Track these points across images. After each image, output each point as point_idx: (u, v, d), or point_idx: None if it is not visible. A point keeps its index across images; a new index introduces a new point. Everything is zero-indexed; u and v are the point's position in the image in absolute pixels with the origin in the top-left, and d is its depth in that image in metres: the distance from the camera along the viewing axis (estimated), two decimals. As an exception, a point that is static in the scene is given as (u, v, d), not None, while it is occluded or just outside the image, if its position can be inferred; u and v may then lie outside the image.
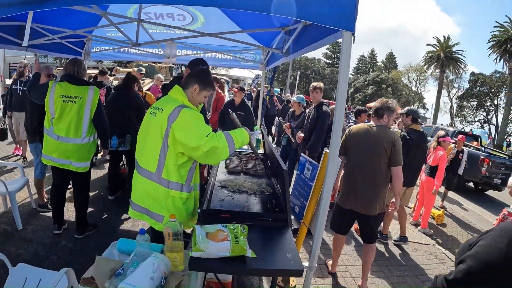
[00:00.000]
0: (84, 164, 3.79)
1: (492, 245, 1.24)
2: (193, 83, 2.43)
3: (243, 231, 1.92)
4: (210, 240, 1.83)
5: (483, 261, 1.23)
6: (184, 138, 2.22)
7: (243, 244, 1.80)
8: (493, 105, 41.72)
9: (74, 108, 3.59)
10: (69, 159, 3.67)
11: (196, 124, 2.24)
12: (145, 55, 6.10)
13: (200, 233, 1.89)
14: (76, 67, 3.71)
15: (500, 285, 1.20)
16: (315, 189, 2.86)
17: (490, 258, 1.21)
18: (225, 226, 1.95)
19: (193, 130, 2.21)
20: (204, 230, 1.92)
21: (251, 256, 1.78)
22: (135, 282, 1.63)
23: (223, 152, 2.23)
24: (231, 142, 2.27)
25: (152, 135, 2.36)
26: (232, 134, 2.31)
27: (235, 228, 1.93)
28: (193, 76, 2.49)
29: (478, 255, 1.26)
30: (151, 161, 2.36)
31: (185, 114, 2.24)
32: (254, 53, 5.63)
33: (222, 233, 1.89)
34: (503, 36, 35.02)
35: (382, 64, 66.90)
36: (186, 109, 2.27)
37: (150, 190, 2.39)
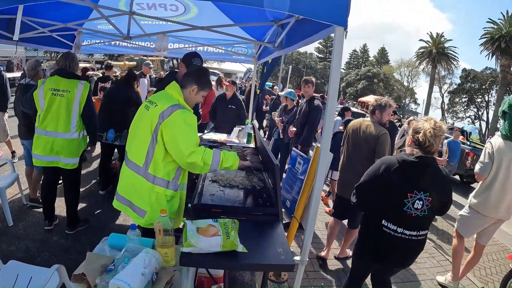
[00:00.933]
0: (73, 161, 3.74)
1: (374, 167, 2.55)
2: (192, 83, 2.42)
3: (234, 226, 1.92)
4: (201, 235, 1.83)
5: (368, 175, 2.56)
6: (171, 141, 2.23)
7: (234, 239, 1.80)
8: (484, 102, 42.21)
9: (62, 101, 3.53)
10: (58, 155, 3.63)
11: (186, 131, 2.23)
12: (137, 48, 6.05)
13: (190, 228, 1.88)
14: (68, 61, 3.68)
15: (376, 186, 2.47)
16: (306, 183, 2.87)
17: (371, 172, 2.54)
18: (216, 221, 1.95)
19: (181, 137, 2.21)
20: (195, 225, 1.92)
21: (242, 251, 1.78)
22: (126, 278, 1.62)
23: (203, 170, 2.30)
24: (215, 164, 2.31)
25: (142, 129, 2.34)
26: (222, 157, 2.33)
27: (226, 223, 1.93)
28: (192, 76, 2.47)
29: (366, 173, 2.59)
30: (139, 154, 2.35)
31: (178, 117, 2.22)
32: (246, 46, 5.61)
33: (213, 228, 1.89)
34: (496, 34, 35.38)
35: (374, 59, 67.20)
36: (180, 110, 2.25)
37: (136, 183, 2.38)
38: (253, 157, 3.61)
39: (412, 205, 2.35)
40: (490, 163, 3.53)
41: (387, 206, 2.45)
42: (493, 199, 3.54)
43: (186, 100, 2.43)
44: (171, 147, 2.24)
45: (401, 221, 2.39)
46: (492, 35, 35.95)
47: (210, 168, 2.29)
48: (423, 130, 2.37)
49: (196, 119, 2.37)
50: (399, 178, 2.37)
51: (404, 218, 2.38)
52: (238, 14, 3.94)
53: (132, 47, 5.97)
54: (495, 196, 3.53)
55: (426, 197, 2.35)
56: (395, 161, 2.42)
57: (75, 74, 3.77)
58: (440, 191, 2.40)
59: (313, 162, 2.84)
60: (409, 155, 2.40)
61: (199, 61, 3.39)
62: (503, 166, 3.47)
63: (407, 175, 2.37)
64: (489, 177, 3.56)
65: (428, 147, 2.36)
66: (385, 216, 2.44)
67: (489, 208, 3.58)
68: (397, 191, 2.39)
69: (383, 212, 2.47)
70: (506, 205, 3.54)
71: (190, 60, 3.35)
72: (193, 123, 2.30)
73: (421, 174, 2.36)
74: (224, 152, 2.39)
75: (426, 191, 2.35)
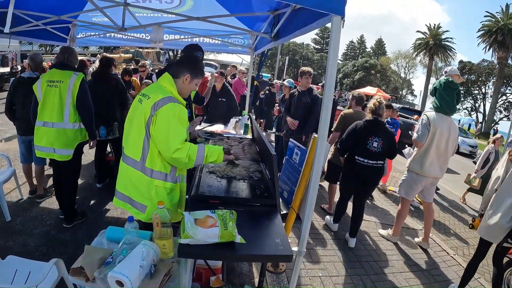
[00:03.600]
0: (67, 152, 3.74)
1: (351, 127, 4.21)
2: (184, 72, 2.37)
3: (232, 217, 1.92)
4: (199, 227, 1.82)
5: (347, 132, 4.20)
6: (158, 134, 2.21)
7: (232, 230, 1.79)
8: (480, 94, 42.28)
9: (56, 92, 3.59)
10: (52, 146, 3.65)
11: (175, 126, 2.20)
12: (132, 40, 5.98)
13: (188, 219, 1.87)
14: (67, 55, 3.75)
15: (352, 136, 4.11)
16: (304, 174, 2.86)
17: (350, 129, 4.19)
18: (214, 212, 1.94)
19: (170, 132, 2.19)
20: (193, 216, 1.91)
21: (240, 242, 1.77)
22: (125, 271, 1.63)
23: (187, 165, 2.30)
24: (200, 159, 2.29)
25: (136, 123, 2.32)
26: (206, 153, 2.31)
27: (223, 214, 1.92)
28: (184, 64, 2.44)
29: (346, 132, 4.21)
30: (136, 149, 2.32)
31: (168, 111, 2.19)
32: (242, 37, 5.54)
33: (211, 219, 1.88)
34: (493, 26, 35.51)
35: (371, 50, 67.03)
36: (171, 104, 2.22)
37: (134, 179, 2.36)
38: (250, 148, 3.60)
39: (372, 145, 4.06)
40: (426, 132, 4.25)
41: (358, 147, 4.12)
42: (429, 162, 4.29)
43: (180, 90, 2.40)
44: (158, 140, 2.23)
45: (366, 155, 4.08)
46: (489, 28, 36.11)
47: (194, 163, 2.28)
48: (373, 103, 4.19)
49: (187, 112, 2.35)
50: (364, 129, 4.11)
51: (368, 153, 4.07)
52: (234, 4, 3.91)
53: (127, 39, 5.91)
54: (431, 159, 4.29)
55: (379, 140, 4.06)
56: (361, 121, 4.20)
57: (71, 66, 3.78)
58: (386, 138, 4.12)
59: (310, 152, 2.83)
60: (369, 118, 4.18)
61: (200, 54, 3.37)
62: (437, 134, 4.21)
63: (368, 128, 4.11)
64: (426, 143, 4.27)
65: (376, 111, 4.15)
66: (357, 153, 4.13)
67: (427, 169, 4.32)
68: (362, 137, 4.09)
69: (356, 151, 4.14)
70: (440, 166, 4.34)
71: (192, 53, 3.32)
72: (183, 117, 2.27)
73: (375, 127, 4.12)
74: (209, 147, 2.36)
75: (379, 137, 4.07)
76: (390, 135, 4.19)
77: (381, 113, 4.15)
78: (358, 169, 4.11)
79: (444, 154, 4.32)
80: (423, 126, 4.27)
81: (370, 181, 4.26)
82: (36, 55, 4.72)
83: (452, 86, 4.25)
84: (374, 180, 4.30)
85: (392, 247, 4.59)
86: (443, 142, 4.24)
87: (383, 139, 4.06)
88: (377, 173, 4.18)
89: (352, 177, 4.26)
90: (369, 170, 4.09)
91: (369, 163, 4.06)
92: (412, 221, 5.68)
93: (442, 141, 4.24)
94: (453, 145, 4.32)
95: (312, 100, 5.36)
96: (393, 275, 3.90)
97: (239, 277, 3.29)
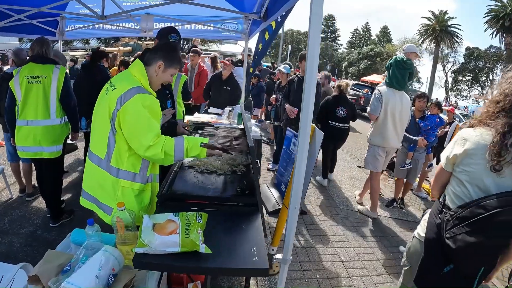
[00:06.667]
0: (57, 148, 3.65)
1: (323, 101, 5.89)
2: (157, 59, 2.09)
3: (199, 221, 1.66)
4: (156, 233, 1.57)
5: (321, 105, 5.75)
6: (128, 132, 1.97)
7: (195, 238, 1.53)
8: (488, 80, 41.61)
9: (39, 88, 3.44)
10: (41, 145, 3.53)
11: (144, 120, 1.95)
12: (121, 31, 5.76)
13: (146, 224, 1.63)
14: (45, 48, 3.56)
15: (325, 106, 5.79)
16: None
17: (323, 102, 5.85)
18: (177, 216, 1.69)
19: (139, 127, 1.95)
20: (152, 220, 1.67)
21: (205, 252, 1.51)
22: (78, 281, 1.44)
23: (165, 161, 2.04)
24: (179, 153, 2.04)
25: (101, 116, 2.06)
26: (186, 146, 2.05)
27: (189, 217, 1.68)
28: (157, 51, 2.14)
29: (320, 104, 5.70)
30: (100, 145, 2.08)
31: (136, 104, 1.92)
32: (236, 22, 5.23)
33: (172, 224, 1.64)
34: (500, 11, 34.91)
35: (376, 38, 66.19)
36: (139, 95, 1.94)
37: (99, 178, 2.12)
38: (239, 139, 3.33)
39: (339, 112, 5.67)
40: (379, 105, 4.51)
41: (329, 113, 5.70)
42: (388, 133, 4.57)
43: (151, 80, 2.12)
44: (129, 137, 1.98)
45: (336, 119, 5.68)
46: (496, 13, 35.44)
47: (174, 159, 2.04)
48: (340, 84, 5.86)
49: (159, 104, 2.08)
50: (332, 102, 5.74)
51: (337, 118, 5.68)
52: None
53: (116, 29, 5.69)
54: (390, 130, 4.56)
55: (344, 109, 5.68)
56: (330, 96, 5.86)
57: (51, 59, 3.63)
58: (349, 107, 5.72)
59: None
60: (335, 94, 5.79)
61: (176, 37, 3.00)
62: (389, 106, 4.47)
63: (336, 100, 5.74)
64: (381, 117, 4.54)
65: (341, 90, 5.81)
66: (330, 118, 5.70)
67: (388, 141, 4.61)
68: (332, 106, 5.69)
69: (329, 117, 5.72)
70: (397, 136, 4.67)
71: (166, 36, 2.97)
72: (155, 109, 2.02)
73: (340, 100, 5.74)
74: (189, 140, 2.09)
75: (344, 106, 5.69)
76: (351, 105, 5.79)
77: (345, 91, 5.85)
78: (332, 130, 5.62)
79: (399, 125, 4.63)
80: (376, 99, 4.58)
81: (340, 138, 5.90)
82: (20, 50, 4.52)
83: (405, 66, 4.49)
84: (342, 138, 5.94)
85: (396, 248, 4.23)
86: (397, 113, 4.54)
87: (347, 108, 5.68)
88: (344, 132, 5.83)
89: (329, 138, 5.08)
90: (338, 130, 5.71)
91: (338, 125, 5.68)
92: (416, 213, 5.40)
93: (396, 113, 4.53)
94: (406, 116, 4.69)
95: None
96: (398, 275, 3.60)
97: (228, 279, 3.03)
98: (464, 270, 1.74)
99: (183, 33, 5.63)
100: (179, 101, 3.89)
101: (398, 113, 4.52)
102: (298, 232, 4.11)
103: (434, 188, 2.01)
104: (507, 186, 1.61)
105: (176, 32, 3.04)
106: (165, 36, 2.98)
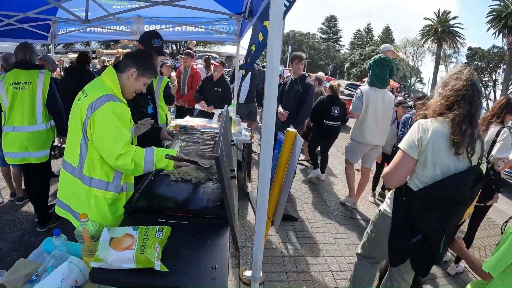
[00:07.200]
0: (44, 153, 3.67)
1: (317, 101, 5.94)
2: (130, 66, 2.05)
3: (159, 236, 1.57)
4: (111, 249, 1.50)
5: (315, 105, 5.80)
6: (97, 139, 1.92)
7: (150, 255, 1.45)
8: (491, 80, 41.35)
9: (25, 94, 3.46)
10: (28, 150, 3.55)
11: (114, 129, 1.90)
12: (113, 34, 5.79)
13: (104, 238, 1.56)
14: (29, 53, 3.56)
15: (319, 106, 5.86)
16: (278, 174, 2.51)
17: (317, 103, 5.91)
18: (136, 230, 1.61)
19: (108, 137, 1.91)
20: (111, 234, 1.60)
21: (161, 269, 1.43)
22: None
23: (135, 172, 2.01)
24: (149, 164, 1.99)
25: (73, 124, 2.03)
26: (155, 156, 2.00)
27: (148, 231, 1.59)
28: (131, 58, 2.11)
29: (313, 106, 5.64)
30: (73, 154, 2.04)
31: (106, 112, 1.88)
32: (227, 23, 5.17)
33: (128, 239, 1.56)
34: (503, 11, 34.77)
35: (378, 39, 66.02)
36: (109, 103, 1.90)
37: (73, 187, 2.08)
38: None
39: (334, 111, 5.73)
40: (360, 104, 4.73)
41: (325, 113, 5.74)
42: (368, 130, 4.74)
43: (123, 87, 2.07)
44: (98, 146, 1.93)
45: (331, 118, 5.76)
46: (498, 13, 35.27)
47: (143, 170, 1.99)
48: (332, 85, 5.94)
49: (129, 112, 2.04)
50: (327, 102, 5.79)
51: (332, 117, 5.76)
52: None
53: (108, 32, 5.72)
54: (369, 127, 4.72)
55: (338, 108, 5.76)
56: (325, 96, 5.95)
57: (35, 64, 3.65)
58: (341, 107, 5.81)
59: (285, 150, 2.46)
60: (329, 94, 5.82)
61: (159, 42, 2.89)
62: (370, 105, 4.65)
63: (330, 100, 5.80)
64: (361, 114, 4.75)
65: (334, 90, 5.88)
66: (325, 118, 5.75)
67: (366, 137, 4.78)
68: (327, 106, 5.75)
69: (324, 116, 5.76)
70: (379, 134, 4.78)
71: (148, 41, 2.86)
72: (125, 117, 1.98)
73: (334, 99, 5.84)
74: (159, 151, 2.03)
75: (337, 106, 5.76)
76: (343, 105, 5.91)
77: (337, 91, 5.96)
78: (327, 129, 5.81)
79: (382, 122, 4.75)
80: (357, 98, 4.80)
81: (333, 135, 6.02)
82: (9, 55, 4.45)
83: (384, 63, 4.72)
84: (336, 135, 6.06)
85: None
86: (378, 111, 4.68)
87: (340, 107, 5.79)
88: (338, 130, 6.00)
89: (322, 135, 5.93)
90: (333, 128, 5.87)
91: (333, 124, 5.81)
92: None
93: (377, 111, 4.68)
94: (388, 114, 4.81)
95: (304, 88, 4.97)
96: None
97: None
98: (430, 239, 2.07)
99: (174, 35, 5.59)
100: (161, 105, 3.78)
101: (379, 111, 4.68)
102: (288, 240, 3.98)
103: (397, 176, 2.14)
104: (462, 168, 1.95)
105: (159, 37, 2.93)
106: (148, 40, 2.87)
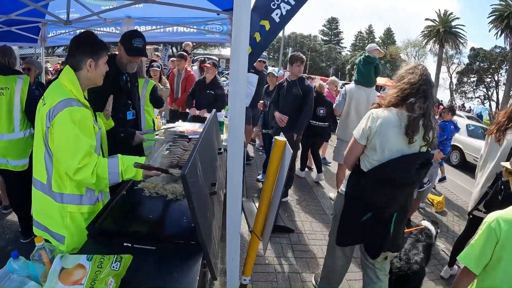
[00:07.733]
0: (22, 162, 3.48)
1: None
2: (85, 57, 1.84)
3: (115, 268, 1.35)
4: (60, 282, 1.31)
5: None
6: (55, 150, 1.72)
7: None
8: (493, 81, 40.95)
9: (2, 100, 3.28)
10: (5, 158, 3.39)
11: (72, 138, 1.70)
12: (103, 36, 5.46)
13: (54, 267, 1.37)
14: (7, 57, 3.41)
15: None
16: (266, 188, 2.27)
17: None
18: (90, 259, 1.40)
19: (66, 148, 1.70)
20: (62, 263, 1.39)
21: None
22: None
23: (99, 185, 1.82)
24: (115, 176, 1.80)
25: (36, 137, 1.83)
26: (121, 167, 1.80)
27: (102, 263, 1.38)
28: (80, 48, 1.87)
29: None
30: (40, 169, 1.85)
31: (64, 118, 1.68)
32: (220, 23, 4.90)
33: (80, 271, 1.35)
34: (505, 11, 34.54)
35: (380, 40, 65.83)
36: (69, 108, 1.69)
37: (45, 205, 1.90)
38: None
39: (319, 112, 5.80)
40: (343, 101, 4.86)
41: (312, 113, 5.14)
42: (350, 127, 4.66)
43: (89, 81, 1.90)
44: (57, 159, 1.75)
45: (317, 118, 5.78)
46: (500, 13, 35.01)
47: (109, 182, 1.80)
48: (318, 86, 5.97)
49: (91, 117, 1.84)
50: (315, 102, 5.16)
51: (318, 118, 5.81)
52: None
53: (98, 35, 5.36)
54: (351, 125, 4.68)
55: (324, 108, 5.83)
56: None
57: (14, 69, 3.48)
58: (328, 106, 5.82)
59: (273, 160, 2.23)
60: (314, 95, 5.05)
61: (140, 42, 2.69)
62: (353, 102, 4.77)
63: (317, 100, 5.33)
64: (344, 112, 4.87)
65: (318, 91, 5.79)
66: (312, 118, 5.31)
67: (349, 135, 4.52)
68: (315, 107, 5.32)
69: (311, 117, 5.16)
70: None
71: (129, 41, 2.67)
72: (85, 124, 1.77)
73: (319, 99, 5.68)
74: (124, 160, 1.82)
75: (323, 106, 5.82)
76: (329, 104, 5.86)
77: (322, 91, 5.97)
78: (313, 129, 5.82)
79: None
80: (341, 96, 4.95)
81: (320, 136, 6.07)
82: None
83: (369, 61, 4.78)
84: (322, 135, 6.10)
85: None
86: (362, 109, 4.66)
87: (326, 107, 5.83)
88: (324, 130, 6.03)
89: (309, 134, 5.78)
90: (318, 128, 5.91)
91: (319, 124, 5.87)
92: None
93: (361, 109, 4.69)
94: None
95: (304, 91, 4.69)
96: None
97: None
98: (379, 217, 2.24)
99: (165, 36, 5.37)
100: (148, 110, 3.55)
101: (363, 109, 4.64)
102: (283, 254, 3.69)
103: (349, 159, 2.44)
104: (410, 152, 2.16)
105: (141, 36, 2.73)
106: (129, 41, 2.68)
